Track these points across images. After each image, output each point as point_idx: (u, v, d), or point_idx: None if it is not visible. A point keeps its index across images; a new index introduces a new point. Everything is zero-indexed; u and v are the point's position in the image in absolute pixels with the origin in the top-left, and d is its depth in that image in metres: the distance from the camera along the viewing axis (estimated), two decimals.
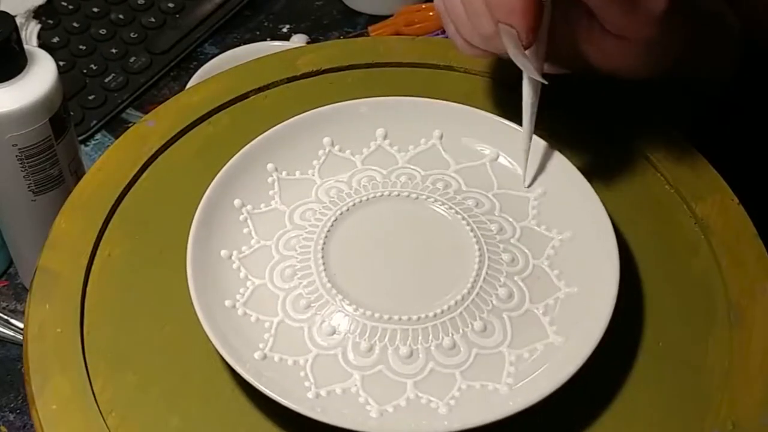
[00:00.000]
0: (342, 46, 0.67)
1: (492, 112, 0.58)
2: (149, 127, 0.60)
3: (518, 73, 0.54)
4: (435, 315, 0.50)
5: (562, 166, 0.56)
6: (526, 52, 0.51)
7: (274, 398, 0.47)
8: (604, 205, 0.54)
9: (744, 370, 0.50)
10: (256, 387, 0.47)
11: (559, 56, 0.55)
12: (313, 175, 0.57)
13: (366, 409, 0.48)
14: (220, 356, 0.49)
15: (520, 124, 0.56)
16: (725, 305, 0.53)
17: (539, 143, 0.56)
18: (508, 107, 0.60)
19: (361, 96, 0.59)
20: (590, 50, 0.54)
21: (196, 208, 0.53)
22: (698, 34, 0.58)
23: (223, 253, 0.53)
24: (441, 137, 0.58)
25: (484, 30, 0.52)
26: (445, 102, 0.59)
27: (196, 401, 0.50)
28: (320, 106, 0.58)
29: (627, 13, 0.51)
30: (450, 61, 0.64)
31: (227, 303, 0.51)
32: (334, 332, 0.50)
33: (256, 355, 0.49)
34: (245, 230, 0.54)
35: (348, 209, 0.54)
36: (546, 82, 0.53)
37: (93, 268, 0.54)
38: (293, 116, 0.58)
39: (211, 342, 0.48)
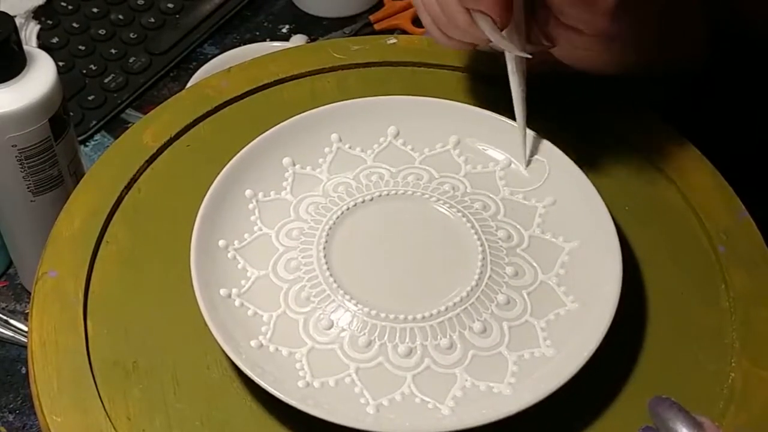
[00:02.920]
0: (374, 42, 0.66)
1: (507, 116, 0.58)
2: (148, 126, 0.60)
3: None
4: (439, 312, 0.50)
5: (569, 172, 0.55)
6: (504, 32, 0.51)
7: (266, 388, 0.47)
8: (611, 214, 0.53)
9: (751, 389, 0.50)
10: (250, 376, 0.47)
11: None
12: (321, 172, 0.57)
13: (361, 403, 0.48)
14: (223, 353, 0.48)
15: (529, 128, 0.56)
16: (730, 313, 0.53)
17: (547, 147, 0.56)
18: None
19: (373, 94, 0.59)
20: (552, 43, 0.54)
21: (198, 207, 0.53)
22: (667, 30, 0.57)
23: (221, 243, 0.53)
24: (457, 142, 0.58)
25: (459, 21, 0.52)
26: (461, 104, 0.58)
27: (203, 400, 0.50)
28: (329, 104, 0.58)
29: (578, 4, 0.51)
30: (451, 61, 0.64)
31: (228, 293, 0.51)
32: (331, 326, 0.50)
33: (253, 343, 0.49)
34: (251, 219, 0.54)
35: (355, 205, 0.54)
36: (529, 56, 0.53)
37: (93, 274, 0.54)
38: (304, 111, 0.58)
39: (210, 331, 0.48)
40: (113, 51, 0.89)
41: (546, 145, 0.56)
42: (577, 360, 0.48)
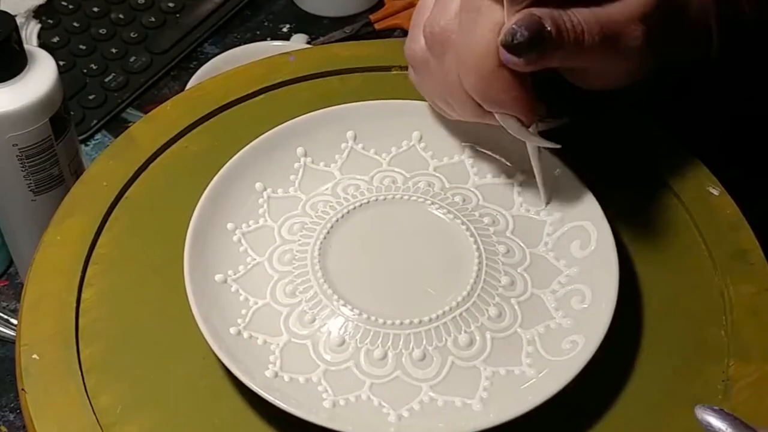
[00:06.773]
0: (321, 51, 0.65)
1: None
2: (133, 141, 0.59)
3: None
4: (443, 313, 0.50)
5: (566, 175, 0.55)
6: (530, 128, 0.50)
7: (290, 411, 0.46)
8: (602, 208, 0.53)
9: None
10: (273, 403, 0.46)
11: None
12: (296, 191, 0.56)
13: (383, 413, 0.47)
14: (232, 378, 0.48)
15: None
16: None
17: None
18: None
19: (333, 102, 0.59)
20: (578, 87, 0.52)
21: (186, 229, 0.52)
22: (680, 34, 0.55)
23: (218, 277, 0.52)
24: (420, 138, 0.58)
25: (476, 114, 0.50)
26: (420, 102, 0.58)
27: (202, 418, 0.49)
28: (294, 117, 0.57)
29: (609, 63, 0.49)
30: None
31: (232, 330, 0.50)
32: (343, 343, 0.49)
33: (267, 373, 0.48)
34: (239, 250, 0.53)
35: (343, 216, 0.54)
36: (558, 146, 0.51)
37: (84, 286, 0.53)
38: (269, 129, 0.57)
39: (223, 364, 0.48)
40: (114, 50, 0.90)
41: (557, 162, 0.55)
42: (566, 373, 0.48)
